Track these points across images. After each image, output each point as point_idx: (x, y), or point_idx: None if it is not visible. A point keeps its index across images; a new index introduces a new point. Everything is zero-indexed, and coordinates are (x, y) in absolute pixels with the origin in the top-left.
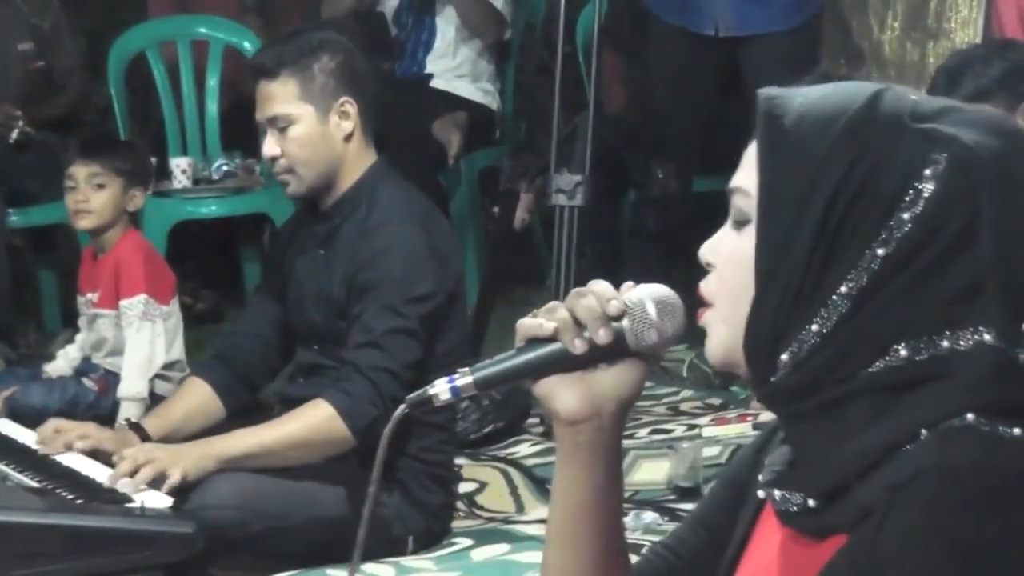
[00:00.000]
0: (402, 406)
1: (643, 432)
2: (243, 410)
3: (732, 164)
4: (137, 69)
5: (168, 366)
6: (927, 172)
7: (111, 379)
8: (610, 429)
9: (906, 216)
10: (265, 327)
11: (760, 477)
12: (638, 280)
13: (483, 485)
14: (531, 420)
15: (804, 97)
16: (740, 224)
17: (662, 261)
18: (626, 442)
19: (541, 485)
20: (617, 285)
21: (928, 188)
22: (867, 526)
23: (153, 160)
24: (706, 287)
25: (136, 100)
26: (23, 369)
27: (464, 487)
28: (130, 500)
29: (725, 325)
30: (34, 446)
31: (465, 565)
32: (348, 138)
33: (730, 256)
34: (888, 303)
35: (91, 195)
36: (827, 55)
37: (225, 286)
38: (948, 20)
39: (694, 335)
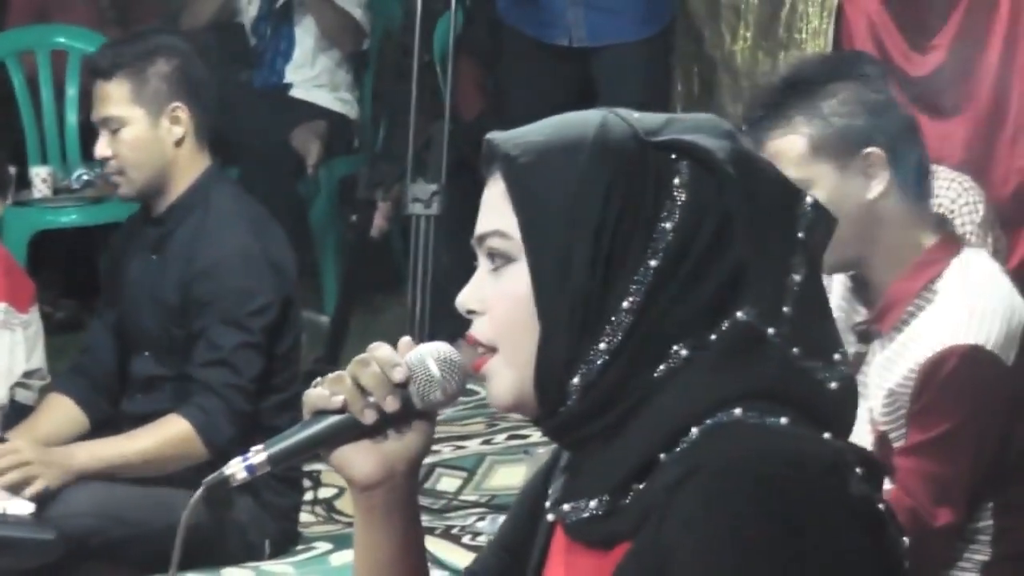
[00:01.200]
0: (200, 489)
1: (500, 438)
2: (105, 421)
3: None
4: None
5: (28, 374)
6: (676, 181)
7: None
8: (403, 487)
9: (667, 226)
10: (107, 334)
11: (547, 503)
12: None
13: (341, 490)
14: None
15: (536, 135)
16: (501, 265)
17: None
18: (484, 447)
19: None
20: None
21: (680, 195)
22: (648, 526)
23: (13, 169)
24: (481, 333)
25: None
26: None
27: (323, 492)
28: None
29: (510, 367)
30: None
31: (324, 569)
32: (179, 143)
33: (501, 299)
34: (666, 309)
35: None
36: (679, 65)
37: (85, 295)
38: (799, 31)
39: None
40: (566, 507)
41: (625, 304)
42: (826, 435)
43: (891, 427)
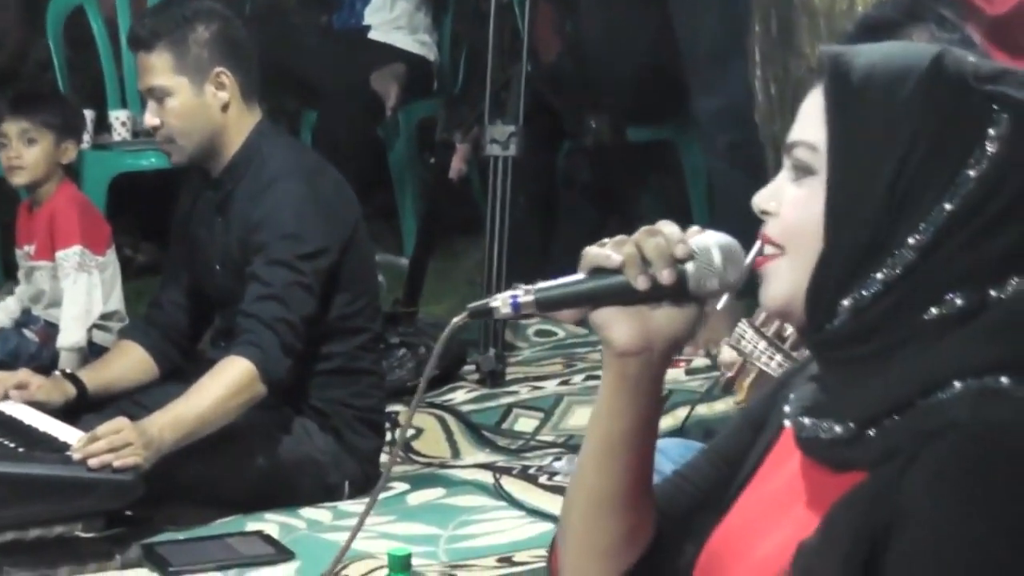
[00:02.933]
0: (463, 314)
1: (578, 378)
2: (175, 371)
3: (666, 114)
4: (75, 22)
5: (106, 316)
6: (991, 132)
7: (51, 330)
8: (658, 365)
9: (972, 174)
10: (180, 294)
11: (786, 408)
12: (570, 229)
13: (419, 431)
14: (467, 367)
15: (867, 56)
16: (802, 176)
17: (596, 211)
18: (561, 388)
19: (477, 431)
20: (550, 237)
21: (992, 147)
22: (890, 468)
23: (91, 113)
24: (772, 233)
25: (75, 53)
26: None
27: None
28: (69, 448)
29: (790, 273)
30: None
31: (401, 509)
32: (226, 107)
33: (795, 205)
34: (951, 255)
35: (23, 151)
36: (756, 5)
37: (165, 238)
38: None
39: None
40: (807, 421)
41: (911, 240)
42: None
43: None
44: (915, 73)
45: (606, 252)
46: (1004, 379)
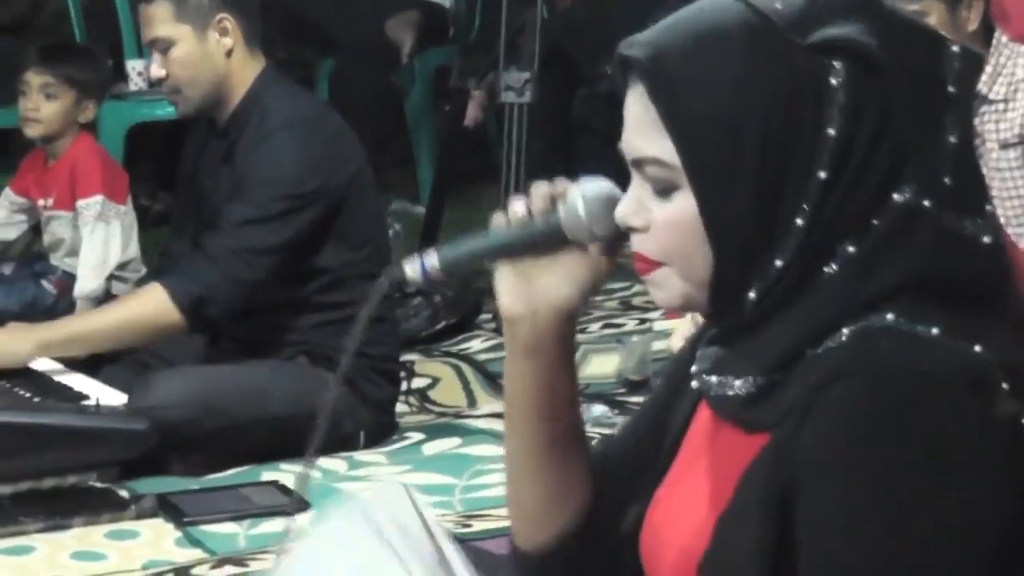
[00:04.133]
0: (380, 279)
1: (594, 327)
2: None
3: None
4: None
5: (122, 266)
6: (832, 82)
7: (68, 280)
8: (546, 330)
9: (831, 132)
10: (189, 244)
11: (694, 368)
12: (586, 176)
13: (435, 380)
14: (483, 316)
15: (672, 44)
16: (665, 191)
17: (612, 158)
18: (577, 336)
19: (493, 380)
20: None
21: (839, 97)
22: (787, 426)
23: (109, 63)
24: (648, 250)
25: (92, 2)
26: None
27: (416, 382)
28: (85, 398)
29: (680, 279)
30: None
31: (416, 459)
32: (230, 54)
33: (667, 225)
34: (835, 213)
35: (42, 104)
36: None
37: None
38: None
39: None
40: (713, 379)
41: (799, 221)
42: (977, 347)
43: None
44: (733, 46)
45: (504, 209)
46: (889, 315)
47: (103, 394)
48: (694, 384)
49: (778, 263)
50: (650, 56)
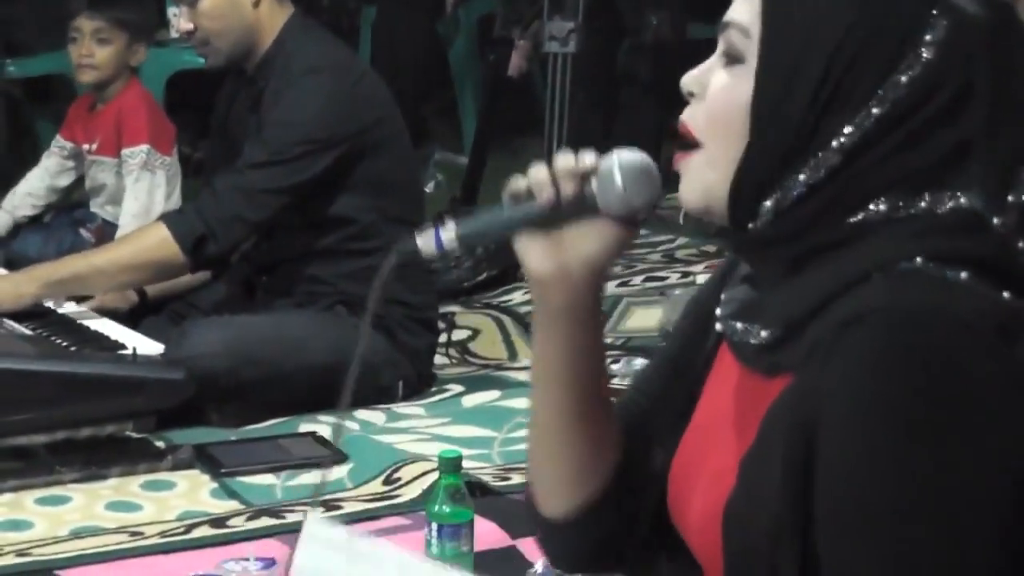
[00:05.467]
0: (391, 255)
1: (637, 280)
2: (224, 269)
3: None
4: None
5: None
6: (927, 37)
7: (107, 228)
8: (577, 292)
9: (903, 79)
10: None
11: (718, 311)
12: (630, 127)
13: (476, 332)
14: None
15: None
16: (732, 61)
17: (656, 109)
18: (620, 289)
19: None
20: (610, 134)
21: (926, 53)
22: (812, 363)
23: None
24: (693, 120)
25: None
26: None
27: (457, 335)
28: (122, 347)
29: (709, 169)
30: None
31: (455, 411)
32: (257, 3)
33: (720, 93)
34: (877, 161)
35: (95, 50)
36: None
37: None
38: None
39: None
40: (739, 325)
41: (835, 143)
42: (1005, 293)
43: None
44: None
45: (518, 178)
46: (918, 259)
47: (140, 343)
48: (718, 327)
49: (803, 178)
50: None
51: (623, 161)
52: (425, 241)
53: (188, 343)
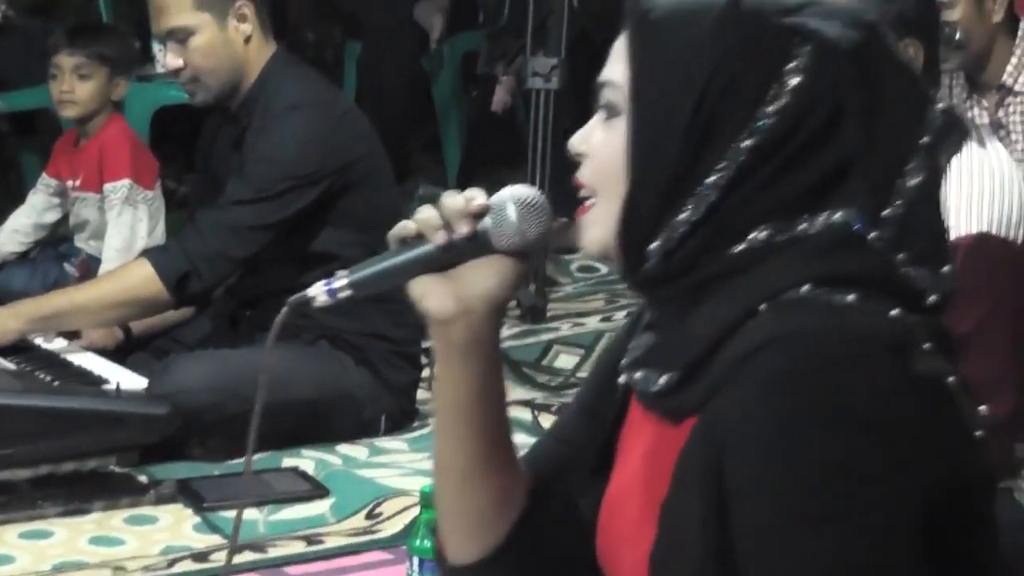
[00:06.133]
0: (284, 309)
1: (620, 315)
2: (208, 303)
3: None
4: None
5: None
6: (791, 65)
7: (92, 263)
8: (480, 328)
9: (771, 108)
10: None
11: (623, 361)
12: None
13: None
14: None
15: None
16: (611, 116)
17: None
18: (603, 324)
19: (517, 368)
20: None
21: (792, 81)
22: (713, 402)
23: (137, 44)
24: (583, 176)
25: None
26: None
27: None
28: (106, 382)
29: (603, 217)
30: None
31: None
32: (248, 40)
33: (603, 147)
34: (754, 192)
35: (76, 85)
36: None
37: None
38: None
39: None
40: (638, 375)
41: (711, 179)
42: (894, 312)
43: None
44: (715, 8)
45: (405, 222)
46: (805, 287)
47: (124, 378)
48: (621, 379)
49: (684, 216)
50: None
51: (516, 196)
52: (317, 291)
53: (171, 378)
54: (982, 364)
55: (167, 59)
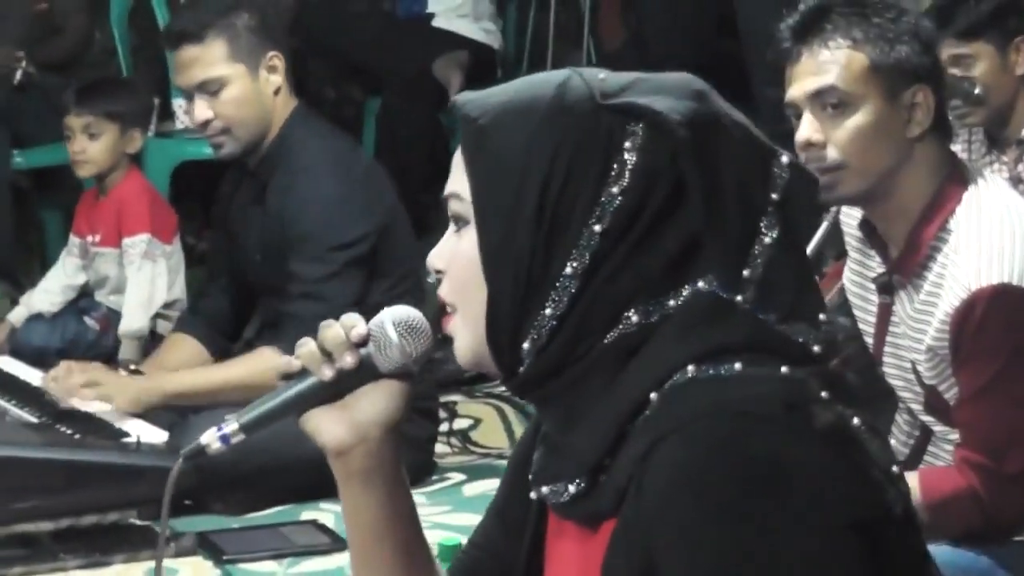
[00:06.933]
0: (178, 460)
1: None
2: (226, 358)
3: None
4: (140, 9)
5: (168, 305)
6: (627, 144)
7: (112, 317)
8: (380, 453)
9: (615, 190)
10: (225, 283)
11: (530, 476)
12: None
13: (477, 421)
14: None
15: (497, 96)
16: (460, 227)
17: None
18: None
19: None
20: None
21: (631, 159)
22: (626, 506)
23: (156, 100)
24: (443, 293)
25: (139, 40)
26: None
27: (459, 423)
28: (126, 435)
29: (467, 328)
30: (36, 383)
31: (456, 500)
32: (277, 92)
33: (456, 258)
34: (613, 274)
35: (87, 145)
36: None
37: None
38: None
39: None
40: (545, 489)
41: (568, 270)
42: (783, 369)
43: (937, 381)
44: (542, 103)
45: (286, 358)
46: (690, 368)
47: (144, 431)
48: (532, 495)
49: (549, 312)
50: (473, 100)
51: (395, 318)
52: (209, 438)
53: (191, 431)
54: (1005, 411)
55: (196, 112)
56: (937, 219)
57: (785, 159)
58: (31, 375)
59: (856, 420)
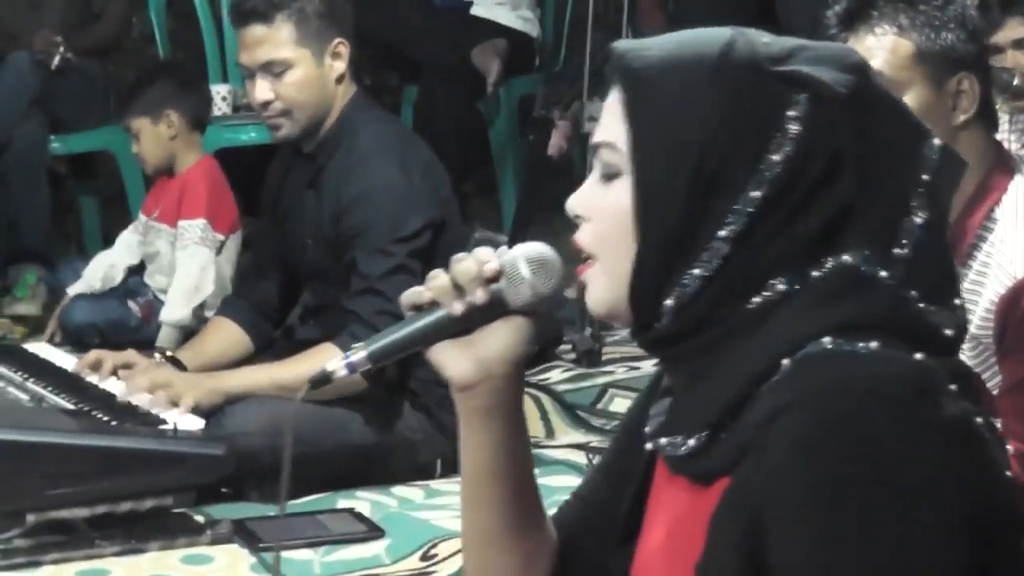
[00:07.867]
0: (306, 385)
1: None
2: (268, 345)
3: None
4: None
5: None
6: (790, 113)
7: (156, 306)
8: (505, 390)
9: (776, 157)
10: (271, 269)
11: (646, 429)
12: None
13: None
14: (563, 347)
15: (659, 48)
16: (610, 178)
17: None
18: (602, 379)
19: (572, 411)
20: None
21: (793, 128)
22: (744, 466)
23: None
24: (583, 240)
25: (177, 26)
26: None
27: None
28: (163, 422)
29: (608, 278)
30: (72, 369)
31: None
32: (340, 79)
33: (605, 210)
34: (765, 241)
35: (136, 147)
36: None
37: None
38: None
39: None
40: (663, 441)
41: (723, 232)
42: (917, 355)
43: (981, 370)
44: (707, 62)
45: (418, 289)
46: (826, 339)
47: (181, 419)
48: (648, 445)
49: (697, 272)
50: (631, 48)
51: (528, 255)
52: (336, 365)
53: (228, 420)
54: None
55: (256, 92)
56: (983, 207)
57: (937, 141)
58: (67, 361)
59: (979, 419)
